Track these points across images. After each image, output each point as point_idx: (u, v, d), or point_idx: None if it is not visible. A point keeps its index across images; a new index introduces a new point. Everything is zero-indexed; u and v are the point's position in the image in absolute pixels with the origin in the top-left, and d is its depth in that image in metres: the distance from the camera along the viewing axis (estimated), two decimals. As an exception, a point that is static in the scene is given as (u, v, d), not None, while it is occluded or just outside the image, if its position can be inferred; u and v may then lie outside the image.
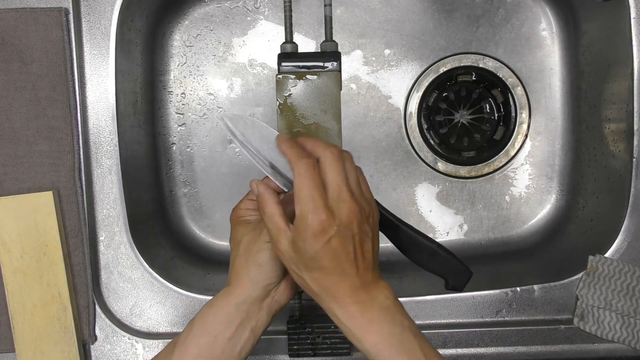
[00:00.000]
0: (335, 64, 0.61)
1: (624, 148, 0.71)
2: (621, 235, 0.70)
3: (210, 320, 0.51)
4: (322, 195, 0.44)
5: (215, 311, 0.51)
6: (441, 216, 0.85)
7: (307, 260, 0.45)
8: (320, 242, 0.44)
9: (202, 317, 0.51)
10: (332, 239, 0.44)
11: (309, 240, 0.44)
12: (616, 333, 0.68)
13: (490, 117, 0.85)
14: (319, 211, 0.44)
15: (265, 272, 0.50)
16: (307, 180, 0.45)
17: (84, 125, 0.68)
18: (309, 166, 0.45)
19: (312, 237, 0.44)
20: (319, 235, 0.44)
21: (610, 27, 0.73)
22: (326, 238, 0.44)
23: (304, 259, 0.45)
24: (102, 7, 0.68)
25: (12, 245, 0.65)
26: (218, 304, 0.51)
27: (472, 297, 0.71)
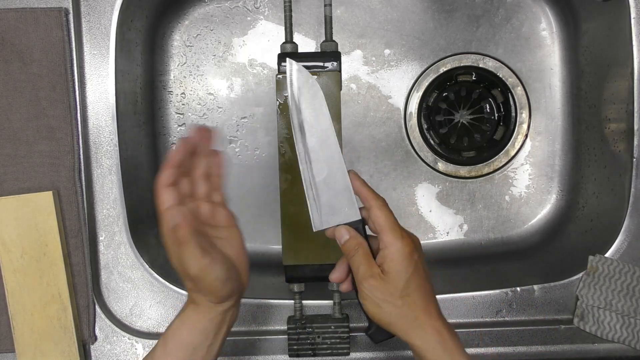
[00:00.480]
0: (335, 64, 0.61)
1: (624, 148, 0.71)
2: (621, 235, 0.70)
3: (187, 335, 0.50)
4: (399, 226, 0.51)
5: (190, 326, 0.50)
6: (441, 216, 0.85)
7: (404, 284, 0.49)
8: (412, 264, 0.49)
9: (176, 332, 0.50)
10: (417, 260, 0.50)
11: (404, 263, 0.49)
12: (616, 333, 0.68)
13: (490, 117, 0.85)
14: (406, 237, 0.50)
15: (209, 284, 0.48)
16: (390, 213, 0.51)
17: (84, 125, 0.68)
18: (385, 202, 0.52)
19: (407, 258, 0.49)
20: (409, 257, 0.49)
21: (610, 27, 0.73)
22: (415, 259, 0.49)
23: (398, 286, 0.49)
24: (102, 7, 0.68)
25: (12, 245, 0.65)
26: (191, 318, 0.50)
27: (472, 297, 0.71)
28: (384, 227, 0.50)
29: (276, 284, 0.79)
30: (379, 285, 0.49)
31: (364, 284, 0.49)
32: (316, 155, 0.52)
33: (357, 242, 0.51)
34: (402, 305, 0.49)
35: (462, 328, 0.70)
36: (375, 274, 0.49)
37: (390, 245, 0.49)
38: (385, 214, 0.50)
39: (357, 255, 0.50)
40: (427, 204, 0.85)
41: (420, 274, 0.50)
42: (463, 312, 0.71)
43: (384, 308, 0.49)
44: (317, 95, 0.53)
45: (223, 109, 0.84)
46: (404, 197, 0.85)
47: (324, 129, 0.53)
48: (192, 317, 0.50)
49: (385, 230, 0.50)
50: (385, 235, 0.50)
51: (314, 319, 0.67)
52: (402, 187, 0.85)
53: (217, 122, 0.83)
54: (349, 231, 0.52)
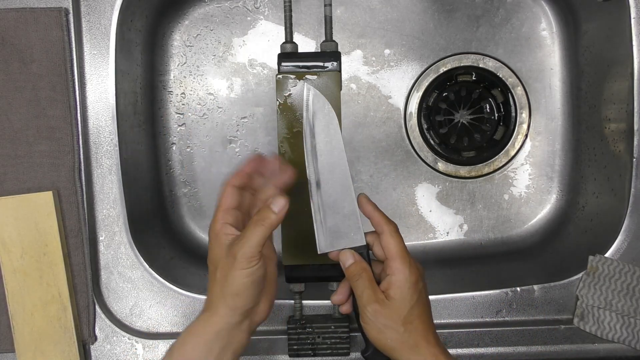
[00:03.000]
0: (335, 64, 0.61)
1: (624, 148, 0.71)
2: (621, 235, 0.70)
3: (191, 349, 0.50)
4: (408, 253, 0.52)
5: (195, 340, 0.50)
6: (441, 216, 0.85)
7: (408, 311, 0.50)
8: (417, 292, 0.50)
9: (182, 345, 0.50)
10: (422, 288, 0.51)
11: (410, 291, 0.50)
12: (616, 333, 0.68)
13: (490, 117, 0.85)
14: (413, 265, 0.51)
15: (243, 300, 0.50)
16: (401, 239, 0.52)
17: (84, 125, 0.68)
18: (397, 227, 0.53)
19: (413, 286, 0.50)
20: (415, 285, 0.50)
21: (610, 27, 0.73)
22: (419, 288, 0.51)
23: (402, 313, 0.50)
24: (102, 7, 0.68)
25: (12, 245, 0.65)
26: (197, 331, 0.50)
27: (472, 297, 0.71)
28: (394, 253, 0.51)
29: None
30: (383, 310, 0.50)
31: (367, 309, 0.50)
32: (326, 179, 0.53)
33: (362, 266, 0.52)
34: (404, 331, 0.50)
35: (462, 328, 0.70)
36: (380, 299, 0.50)
37: (399, 272, 0.50)
38: (397, 241, 0.52)
39: (362, 280, 0.51)
40: (427, 204, 0.85)
41: (423, 302, 0.51)
42: (463, 312, 0.71)
43: (386, 333, 0.50)
44: (332, 120, 0.54)
45: (223, 109, 0.84)
46: (404, 197, 0.85)
47: (336, 154, 0.54)
48: (200, 329, 0.50)
49: (395, 257, 0.51)
50: (394, 262, 0.51)
51: (314, 319, 0.67)
52: (402, 187, 0.85)
53: (217, 122, 0.83)
54: (353, 255, 0.52)
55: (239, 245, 0.48)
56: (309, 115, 0.54)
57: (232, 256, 0.48)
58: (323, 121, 0.54)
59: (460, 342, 0.69)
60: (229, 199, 0.52)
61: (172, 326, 0.71)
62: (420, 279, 0.51)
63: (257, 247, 0.48)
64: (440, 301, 0.71)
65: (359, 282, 0.51)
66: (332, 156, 0.54)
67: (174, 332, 0.71)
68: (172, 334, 0.70)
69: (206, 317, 0.50)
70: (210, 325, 0.50)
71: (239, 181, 0.52)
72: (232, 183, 0.52)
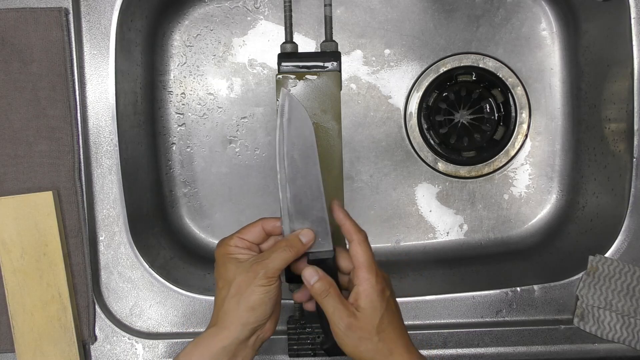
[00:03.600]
0: (335, 64, 0.61)
1: (624, 148, 0.71)
2: (621, 235, 0.70)
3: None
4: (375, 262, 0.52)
5: (201, 351, 0.50)
6: (441, 216, 0.85)
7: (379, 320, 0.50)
8: (385, 299, 0.51)
9: (187, 356, 0.51)
10: (389, 296, 0.52)
11: (378, 299, 0.50)
12: (616, 333, 0.68)
13: (490, 117, 0.85)
14: (379, 274, 0.51)
15: (257, 315, 0.51)
16: (369, 248, 0.52)
17: (83, 125, 0.68)
18: (366, 236, 0.52)
19: (380, 295, 0.50)
20: (382, 293, 0.51)
21: (610, 27, 0.73)
22: (387, 295, 0.51)
23: (374, 322, 0.50)
24: (102, 7, 0.68)
25: (12, 245, 0.65)
26: (205, 344, 0.51)
27: (472, 297, 0.71)
28: (361, 262, 0.51)
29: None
30: (356, 323, 0.50)
31: (340, 325, 0.50)
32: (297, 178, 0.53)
33: (328, 282, 0.51)
34: (379, 340, 0.50)
35: (462, 328, 0.70)
36: (351, 313, 0.50)
37: (366, 282, 0.50)
38: (364, 250, 0.51)
39: (330, 297, 0.51)
40: (427, 204, 0.85)
41: (392, 310, 0.52)
42: (463, 312, 0.71)
43: (361, 346, 0.50)
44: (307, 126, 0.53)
45: (223, 109, 0.84)
46: (404, 197, 0.85)
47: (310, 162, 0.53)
48: (208, 342, 0.51)
49: (362, 266, 0.51)
50: (361, 271, 0.51)
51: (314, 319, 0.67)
52: (402, 187, 0.85)
53: (217, 122, 0.83)
54: (317, 272, 0.52)
55: (263, 263, 0.50)
56: (283, 121, 0.53)
57: (253, 272, 0.50)
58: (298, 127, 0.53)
59: (460, 342, 0.69)
60: (253, 232, 0.53)
61: (172, 326, 0.71)
62: (387, 287, 0.52)
63: (279, 269, 0.50)
64: (440, 301, 0.71)
65: (327, 298, 0.51)
66: (305, 163, 0.53)
67: (174, 332, 0.71)
68: (172, 334, 0.70)
69: (214, 331, 0.51)
70: (219, 340, 0.50)
71: (271, 227, 0.54)
72: (264, 224, 0.54)
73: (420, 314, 0.71)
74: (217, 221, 0.85)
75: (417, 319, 0.71)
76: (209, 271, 0.80)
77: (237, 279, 0.50)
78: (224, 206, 0.85)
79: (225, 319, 0.51)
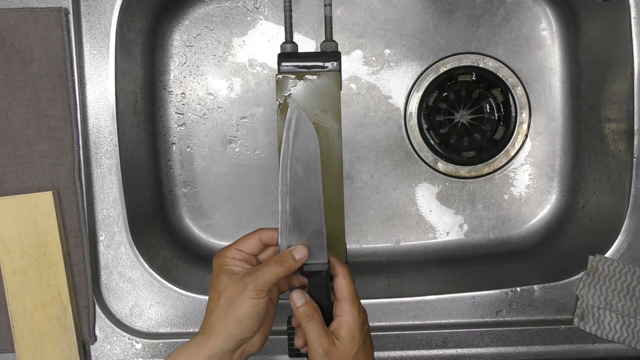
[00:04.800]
0: (335, 64, 0.61)
1: (624, 148, 0.71)
2: (621, 235, 0.70)
3: None
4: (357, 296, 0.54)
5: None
6: (441, 216, 0.85)
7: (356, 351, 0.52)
8: (364, 333, 0.53)
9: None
10: (367, 330, 0.54)
11: (358, 332, 0.52)
12: (616, 333, 0.68)
13: (491, 117, 0.85)
14: (361, 307, 0.54)
15: (243, 328, 0.51)
16: (352, 282, 0.54)
17: (83, 125, 0.68)
18: (350, 270, 0.55)
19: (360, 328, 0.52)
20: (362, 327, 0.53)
21: (610, 27, 0.73)
22: (365, 329, 0.53)
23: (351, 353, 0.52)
24: (102, 7, 0.68)
25: (12, 245, 0.65)
26: (190, 352, 0.51)
27: (472, 297, 0.71)
28: (345, 295, 0.53)
29: (276, 284, 0.79)
30: (334, 351, 0.51)
31: (319, 351, 0.51)
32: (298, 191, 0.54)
33: (313, 307, 0.53)
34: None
35: (462, 328, 0.70)
36: (332, 341, 0.51)
37: (348, 314, 0.52)
38: (348, 283, 0.53)
39: (313, 322, 0.52)
40: (427, 204, 0.85)
41: (368, 344, 0.53)
42: (463, 312, 0.71)
43: None
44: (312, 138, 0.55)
45: (223, 109, 0.84)
46: (404, 197, 0.85)
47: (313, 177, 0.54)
48: (192, 350, 0.51)
49: (346, 299, 0.53)
50: (344, 303, 0.53)
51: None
52: (402, 187, 0.85)
53: (217, 122, 0.83)
54: (304, 296, 0.54)
55: (254, 276, 0.51)
56: (290, 135, 0.54)
57: (243, 284, 0.51)
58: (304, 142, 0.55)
59: (460, 342, 0.69)
60: (250, 244, 0.54)
61: (172, 326, 0.71)
62: (366, 321, 0.54)
63: (270, 283, 0.51)
64: (440, 301, 0.71)
65: (310, 323, 0.52)
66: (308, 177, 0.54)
67: (173, 332, 0.71)
68: (172, 334, 0.70)
69: (201, 340, 0.52)
70: (204, 349, 0.51)
71: (268, 238, 0.55)
72: (262, 235, 0.55)
73: (420, 314, 0.71)
74: (217, 221, 0.85)
75: (417, 319, 0.71)
76: (208, 271, 0.80)
77: (228, 290, 0.51)
78: (224, 206, 0.85)
79: (212, 329, 0.51)
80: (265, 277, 0.51)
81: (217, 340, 0.51)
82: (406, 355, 0.69)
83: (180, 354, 0.52)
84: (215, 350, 0.51)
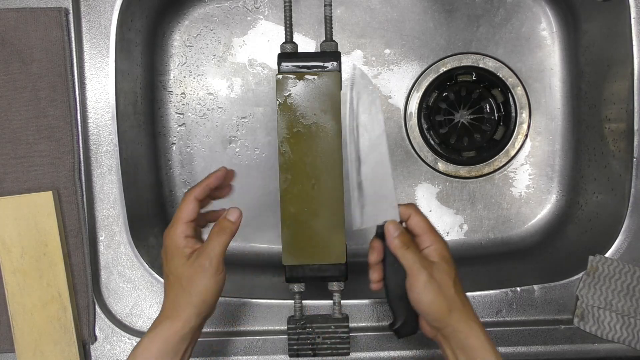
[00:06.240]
0: (335, 64, 0.61)
1: (624, 148, 0.71)
2: (621, 235, 0.70)
3: (156, 352, 0.52)
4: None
5: (160, 345, 0.52)
6: (441, 216, 0.85)
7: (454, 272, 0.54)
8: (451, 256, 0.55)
9: (145, 350, 0.52)
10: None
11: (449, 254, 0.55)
12: (616, 333, 0.68)
13: (491, 117, 0.85)
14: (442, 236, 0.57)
15: (210, 305, 0.54)
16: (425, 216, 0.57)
17: (83, 125, 0.68)
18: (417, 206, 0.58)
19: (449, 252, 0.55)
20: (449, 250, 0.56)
21: (610, 27, 0.73)
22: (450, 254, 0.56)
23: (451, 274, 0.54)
24: (102, 7, 0.68)
25: (12, 245, 0.65)
26: (162, 335, 0.53)
27: (472, 297, 0.71)
28: (425, 228, 0.55)
29: (276, 284, 0.79)
30: (436, 274, 0.53)
31: (423, 274, 0.52)
32: (366, 157, 0.57)
33: (409, 237, 0.55)
34: (455, 291, 0.53)
35: (462, 328, 0.70)
36: (432, 264, 0.53)
37: (436, 242, 0.55)
38: (422, 217, 0.56)
39: (411, 249, 0.54)
40: (427, 204, 0.85)
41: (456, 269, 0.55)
42: (463, 312, 0.71)
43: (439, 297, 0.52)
44: (375, 101, 0.58)
45: (223, 109, 0.84)
46: (404, 197, 0.85)
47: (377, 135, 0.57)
48: (164, 333, 0.53)
49: (427, 230, 0.55)
50: (427, 235, 0.55)
51: (314, 319, 0.67)
52: (402, 187, 0.85)
53: (217, 122, 0.83)
54: (399, 227, 0.55)
55: (205, 254, 0.53)
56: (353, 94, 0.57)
57: (199, 266, 0.52)
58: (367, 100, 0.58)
59: (460, 342, 0.69)
60: (190, 211, 0.55)
61: (172, 326, 0.71)
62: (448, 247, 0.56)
63: (221, 255, 0.53)
64: (440, 301, 0.71)
65: (408, 251, 0.54)
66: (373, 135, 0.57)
67: (174, 332, 0.70)
68: (172, 334, 0.70)
69: (169, 324, 0.53)
70: (175, 330, 0.53)
71: (201, 194, 0.56)
72: (194, 195, 0.55)
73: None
74: (217, 221, 0.85)
75: (417, 319, 0.71)
76: (209, 271, 0.79)
77: (186, 274, 0.53)
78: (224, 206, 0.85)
79: (180, 311, 0.53)
80: (215, 251, 0.53)
81: (186, 321, 0.53)
82: (406, 355, 0.69)
83: (152, 340, 0.52)
84: (187, 329, 0.53)
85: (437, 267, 0.53)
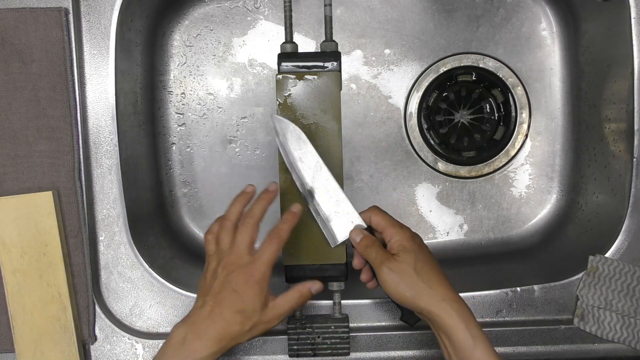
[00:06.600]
0: (335, 64, 0.61)
1: (624, 148, 0.71)
2: (621, 235, 0.70)
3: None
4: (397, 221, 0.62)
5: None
6: (441, 216, 0.85)
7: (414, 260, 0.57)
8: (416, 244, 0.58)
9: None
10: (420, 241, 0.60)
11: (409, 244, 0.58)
12: (616, 333, 0.68)
13: (491, 117, 0.85)
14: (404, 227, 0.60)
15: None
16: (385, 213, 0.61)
17: (83, 125, 0.68)
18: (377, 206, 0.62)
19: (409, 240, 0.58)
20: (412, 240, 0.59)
21: (610, 27, 0.73)
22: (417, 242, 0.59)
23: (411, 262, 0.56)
24: (102, 7, 0.68)
25: (12, 245, 0.65)
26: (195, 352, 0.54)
27: (472, 297, 0.71)
28: (384, 224, 0.59)
29: (276, 284, 0.79)
30: (394, 266, 0.56)
31: (382, 269, 0.56)
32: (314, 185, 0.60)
33: (370, 238, 0.59)
34: (418, 280, 0.55)
35: (462, 328, 0.70)
36: (390, 257, 0.56)
37: (395, 234, 0.58)
38: (382, 215, 0.60)
39: (372, 248, 0.58)
40: (427, 204, 0.85)
41: (425, 253, 0.58)
42: (463, 312, 0.71)
43: (403, 284, 0.55)
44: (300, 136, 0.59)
45: (223, 109, 0.84)
46: (404, 197, 0.85)
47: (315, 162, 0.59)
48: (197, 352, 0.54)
49: (387, 226, 0.59)
50: (387, 230, 0.59)
51: (314, 319, 0.67)
52: (402, 187, 0.85)
53: (217, 122, 0.83)
54: (361, 232, 0.60)
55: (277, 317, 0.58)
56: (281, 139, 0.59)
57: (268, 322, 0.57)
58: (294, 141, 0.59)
59: (460, 342, 0.69)
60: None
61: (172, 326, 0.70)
62: (414, 235, 0.59)
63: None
64: (440, 301, 0.71)
65: (370, 250, 0.58)
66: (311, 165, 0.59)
67: (174, 332, 0.70)
68: (172, 334, 0.70)
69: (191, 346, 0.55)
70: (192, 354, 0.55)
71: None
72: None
73: (420, 314, 0.71)
74: (217, 221, 0.85)
75: (417, 319, 0.71)
76: (209, 271, 0.79)
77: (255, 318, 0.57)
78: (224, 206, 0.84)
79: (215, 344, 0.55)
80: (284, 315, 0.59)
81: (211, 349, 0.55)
82: (406, 355, 0.69)
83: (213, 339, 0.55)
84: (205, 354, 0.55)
85: (397, 258, 0.56)
